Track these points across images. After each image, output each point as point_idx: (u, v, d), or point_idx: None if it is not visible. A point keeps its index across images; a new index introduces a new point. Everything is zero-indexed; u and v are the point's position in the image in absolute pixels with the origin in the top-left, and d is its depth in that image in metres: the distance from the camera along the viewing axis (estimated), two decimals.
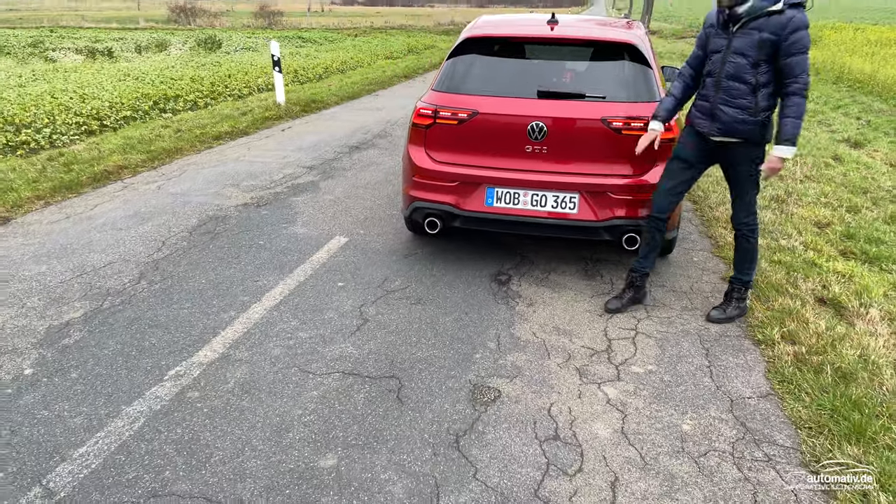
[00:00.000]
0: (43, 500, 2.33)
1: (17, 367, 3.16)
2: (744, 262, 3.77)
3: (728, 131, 3.45)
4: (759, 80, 3.32)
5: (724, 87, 3.41)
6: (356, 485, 2.44)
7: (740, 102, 3.37)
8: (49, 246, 4.74)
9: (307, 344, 3.43)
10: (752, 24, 3.27)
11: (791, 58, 3.20)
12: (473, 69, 4.28)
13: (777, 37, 3.20)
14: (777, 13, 3.20)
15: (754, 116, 3.36)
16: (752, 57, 3.30)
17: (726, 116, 3.42)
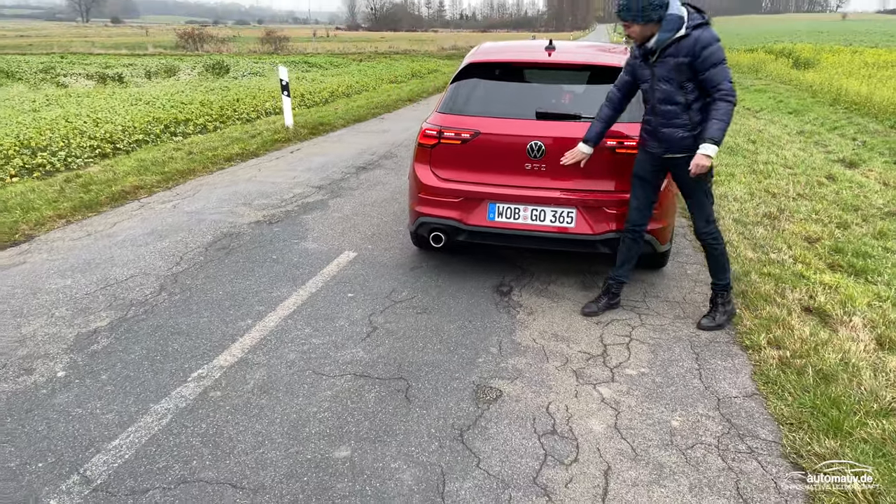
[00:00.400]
0: (81, 486, 2.54)
1: (51, 370, 3.39)
2: (717, 269, 4.03)
3: (672, 148, 3.74)
4: (688, 98, 3.61)
5: (660, 111, 3.71)
6: (368, 473, 2.65)
7: (676, 122, 3.67)
8: (72, 261, 4.98)
9: (320, 349, 3.65)
10: (666, 53, 3.58)
11: (708, 72, 3.50)
12: (476, 92, 4.55)
13: (691, 57, 3.51)
14: (684, 37, 3.51)
15: (692, 131, 3.66)
16: (675, 80, 3.60)
17: (667, 136, 3.72)
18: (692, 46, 3.49)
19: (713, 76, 3.50)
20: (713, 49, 3.48)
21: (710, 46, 3.47)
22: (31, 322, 3.94)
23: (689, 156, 3.68)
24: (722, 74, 3.51)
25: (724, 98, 3.51)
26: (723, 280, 4.04)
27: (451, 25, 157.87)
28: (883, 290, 4.59)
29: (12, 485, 2.54)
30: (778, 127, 13.88)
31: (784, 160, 9.36)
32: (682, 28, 3.51)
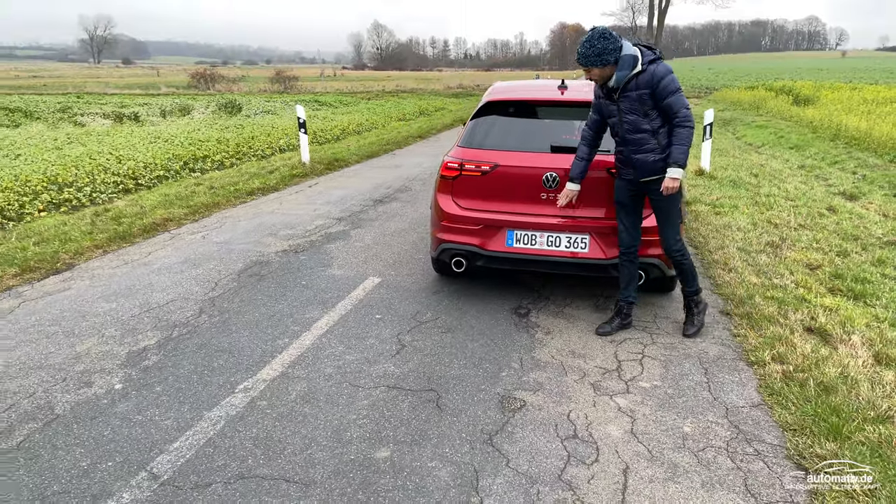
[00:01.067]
0: (149, 481, 2.81)
1: (109, 383, 3.67)
2: (687, 279, 4.43)
3: (647, 172, 4.13)
4: (654, 125, 4.03)
5: (630, 140, 4.10)
6: (408, 470, 2.91)
7: (646, 147, 4.07)
8: (114, 287, 5.30)
9: (354, 364, 3.93)
10: (627, 88, 3.99)
11: (666, 100, 3.94)
12: (494, 128, 4.90)
13: (650, 89, 3.94)
14: (641, 72, 3.93)
15: (662, 153, 4.06)
16: (639, 111, 4.01)
17: (640, 161, 4.11)
18: (650, 80, 3.94)
19: (671, 104, 3.95)
20: (668, 80, 3.93)
21: (665, 78, 3.93)
22: (84, 341, 4.23)
23: (662, 178, 4.08)
24: (679, 102, 3.96)
25: (681, 124, 3.97)
26: (692, 287, 4.46)
27: (455, 65, 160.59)
28: (881, 312, 4.85)
29: (86, 481, 2.81)
30: (779, 161, 14.23)
31: (786, 192, 9.67)
32: (638, 65, 3.94)
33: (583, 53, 3.93)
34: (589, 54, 3.89)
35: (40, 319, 4.61)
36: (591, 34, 3.93)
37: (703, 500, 2.76)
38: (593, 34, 3.92)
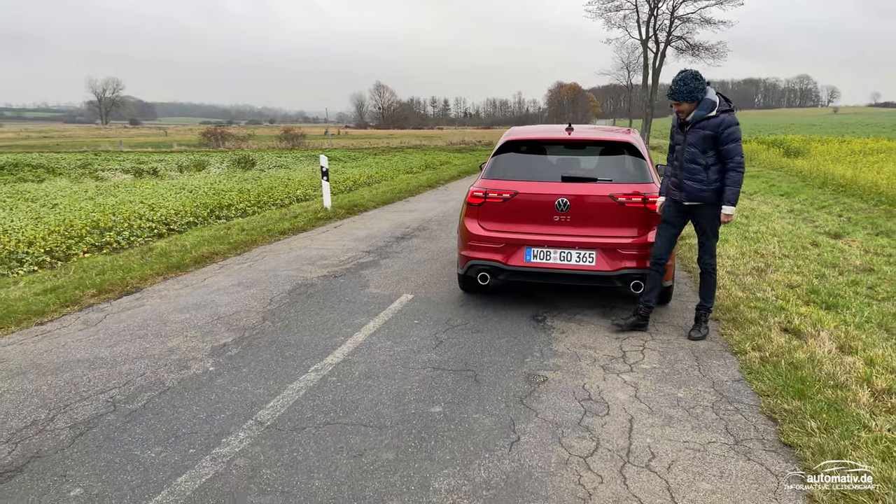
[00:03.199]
0: (257, 426, 3.56)
1: (203, 367, 4.45)
2: (707, 293, 5.18)
3: (692, 198, 4.93)
4: (708, 161, 4.83)
5: (686, 168, 4.91)
6: (458, 420, 3.67)
7: (697, 178, 4.87)
8: (182, 303, 6.10)
9: (402, 353, 4.71)
10: (697, 126, 4.83)
11: (726, 146, 4.75)
12: (512, 163, 5.80)
13: (715, 132, 4.76)
14: (713, 117, 4.76)
15: (709, 187, 4.86)
16: (700, 147, 4.83)
17: (689, 187, 4.92)
18: (718, 125, 4.75)
19: (729, 150, 4.76)
20: (732, 130, 4.75)
21: (731, 128, 4.74)
22: (172, 340, 5.02)
23: (703, 205, 4.92)
24: (736, 150, 4.78)
25: (735, 169, 4.78)
26: (709, 303, 5.19)
27: (455, 123, 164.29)
28: (849, 317, 5.64)
29: (207, 426, 3.57)
30: (770, 206, 15.16)
31: (773, 231, 10.54)
32: (714, 110, 4.77)
33: (676, 90, 4.76)
34: (682, 90, 4.74)
35: (129, 326, 5.40)
36: (684, 74, 4.76)
37: (692, 436, 3.51)
38: (686, 75, 4.76)
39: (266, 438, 3.43)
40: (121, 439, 3.44)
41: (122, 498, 2.90)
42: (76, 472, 3.12)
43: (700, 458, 3.29)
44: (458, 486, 3.00)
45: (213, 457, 3.25)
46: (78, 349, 4.82)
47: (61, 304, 6.02)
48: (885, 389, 3.98)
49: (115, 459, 3.23)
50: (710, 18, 44.88)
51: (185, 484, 3.01)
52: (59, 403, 3.88)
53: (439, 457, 3.27)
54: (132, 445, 3.37)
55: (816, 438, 3.39)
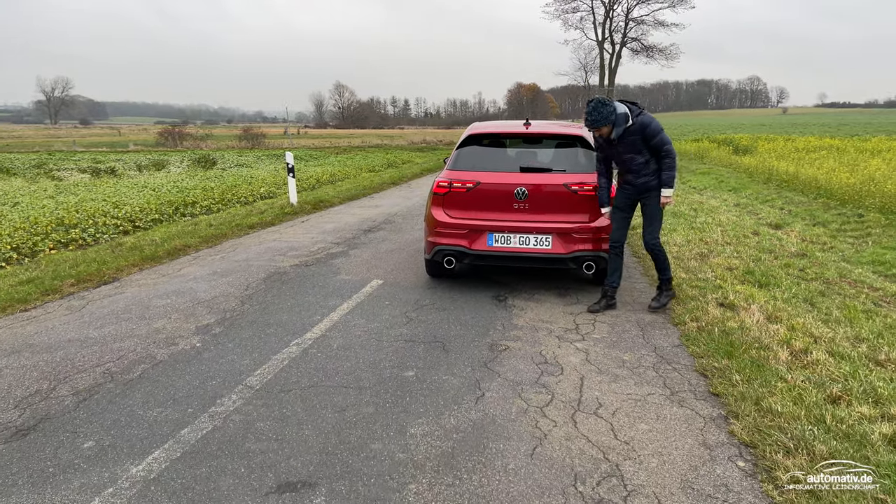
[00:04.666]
0: (247, 390, 3.94)
1: (190, 343, 4.79)
2: (661, 268, 5.73)
3: (645, 190, 5.51)
4: (646, 157, 5.46)
5: (631, 169, 5.52)
6: (429, 381, 4.10)
7: (644, 173, 5.48)
8: (162, 290, 6.39)
9: (376, 329, 5.12)
10: (623, 137, 5.41)
11: (653, 140, 5.37)
12: (475, 155, 6.26)
13: (641, 135, 5.38)
14: (632, 125, 5.37)
15: (653, 176, 5.46)
16: (634, 150, 5.44)
17: (641, 183, 5.51)
18: (640, 129, 5.36)
19: (657, 143, 5.38)
20: (653, 127, 5.36)
21: (650, 126, 5.36)
22: (157, 321, 5.33)
23: (652, 194, 5.48)
24: (662, 140, 5.39)
25: (667, 155, 5.41)
26: (666, 274, 5.76)
27: (416, 123, 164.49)
28: (778, 293, 6.25)
29: (201, 390, 3.93)
30: (718, 201, 15.95)
31: (718, 222, 11.23)
32: (630, 120, 5.35)
33: (593, 120, 5.29)
34: (598, 119, 5.28)
35: (113, 310, 5.68)
36: (594, 104, 5.28)
37: (634, 389, 4.01)
38: (596, 103, 5.28)
39: (257, 399, 3.81)
40: (123, 403, 3.77)
41: (132, 447, 3.25)
42: (86, 428, 3.46)
43: (640, 406, 3.78)
44: (431, 431, 3.43)
45: (211, 414, 3.62)
46: (67, 331, 5.10)
47: (42, 293, 6.26)
48: (802, 349, 4.55)
49: (120, 418, 3.57)
50: (663, 21, 46.31)
51: (188, 435, 3.37)
52: (59, 376, 4.18)
53: (414, 410, 3.70)
54: (134, 407, 3.71)
55: (739, 388, 3.92)
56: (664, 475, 3.03)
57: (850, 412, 3.58)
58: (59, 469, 3.06)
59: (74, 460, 3.14)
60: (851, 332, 5.11)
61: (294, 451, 3.21)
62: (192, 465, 3.08)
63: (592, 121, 5.30)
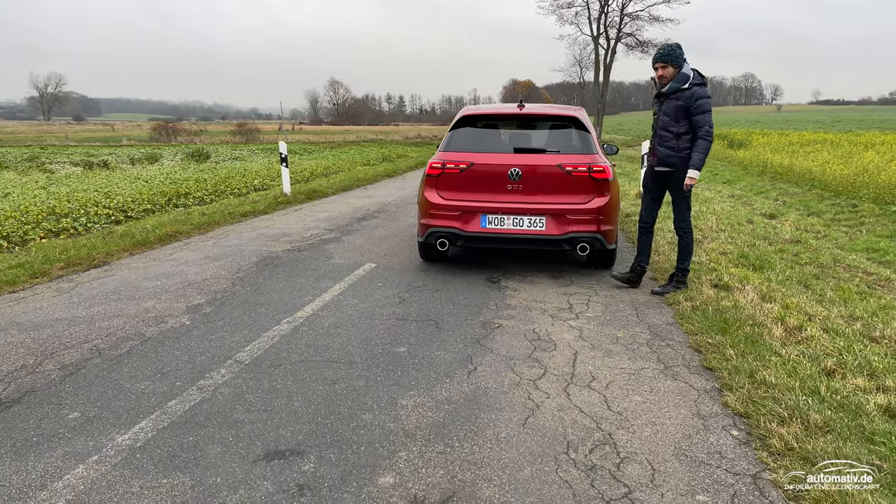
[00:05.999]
0: (237, 364, 3.89)
1: (180, 321, 4.74)
2: (683, 255, 5.67)
3: (662, 163, 5.45)
4: (679, 130, 5.31)
5: (659, 134, 5.43)
6: (421, 356, 4.06)
7: (668, 144, 5.37)
8: (152, 273, 6.33)
9: (368, 309, 5.07)
10: (672, 97, 5.31)
11: (696, 116, 5.20)
12: (468, 136, 6.21)
13: (687, 104, 5.23)
14: (686, 89, 5.24)
15: (678, 154, 5.34)
16: (672, 116, 5.31)
17: (660, 153, 5.43)
18: (690, 97, 5.21)
19: (699, 120, 5.20)
20: (703, 102, 5.19)
21: (702, 99, 5.18)
22: (146, 301, 5.27)
23: (673, 171, 5.38)
24: (705, 120, 5.19)
25: (704, 138, 5.20)
26: (684, 265, 5.69)
27: (411, 119, 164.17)
28: (772, 276, 6.23)
29: (190, 365, 3.88)
30: (712, 192, 15.94)
31: (713, 211, 11.22)
32: (687, 83, 5.23)
33: (662, 52, 5.24)
34: (666, 53, 5.22)
35: (101, 292, 5.62)
36: (669, 43, 5.27)
37: (627, 364, 3.98)
38: (671, 43, 5.27)
39: (247, 373, 3.77)
40: (110, 377, 3.72)
41: (118, 417, 3.20)
42: (71, 401, 3.40)
43: (634, 379, 3.75)
44: (422, 403, 3.39)
45: (199, 387, 3.57)
46: (55, 310, 5.04)
47: (31, 276, 6.18)
48: (796, 326, 4.52)
49: (106, 391, 3.52)
50: (659, 16, 46.26)
51: (175, 406, 3.32)
52: (45, 352, 4.12)
53: (405, 383, 3.65)
54: (122, 381, 3.66)
55: (733, 362, 3.89)
56: (657, 443, 3.00)
57: (844, 384, 3.55)
58: (43, 438, 3.00)
59: (59, 430, 3.08)
60: (846, 311, 5.09)
61: (283, 422, 3.16)
62: (179, 434, 3.03)
63: (663, 53, 5.24)
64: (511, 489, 2.61)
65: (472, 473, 2.72)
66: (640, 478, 2.71)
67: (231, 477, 2.67)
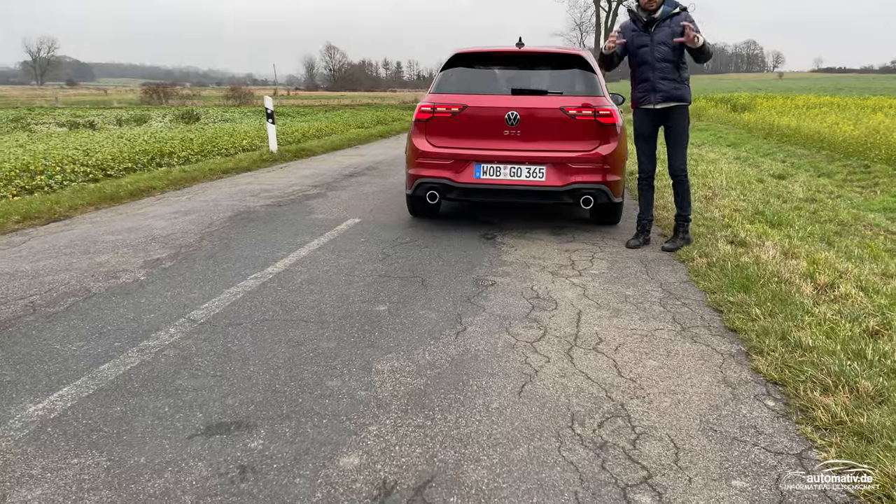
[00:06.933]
0: (189, 323, 3.37)
1: (134, 276, 4.21)
2: (682, 202, 5.16)
3: (667, 97, 4.89)
4: (677, 58, 4.83)
5: (658, 67, 4.86)
6: (403, 315, 3.54)
7: (670, 76, 4.85)
8: (115, 227, 5.78)
9: (347, 265, 4.55)
10: (664, 24, 4.78)
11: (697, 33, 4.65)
12: (462, 77, 5.62)
13: (681, 27, 4.67)
14: (678, 14, 4.75)
15: (681, 84, 4.86)
16: (669, 44, 4.74)
17: (664, 87, 4.87)
18: (687, 18, 4.76)
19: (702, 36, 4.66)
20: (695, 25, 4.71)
21: (694, 22, 4.72)
22: (101, 256, 4.74)
23: (677, 107, 4.89)
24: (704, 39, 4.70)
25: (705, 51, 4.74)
26: (686, 212, 5.20)
27: (409, 86, 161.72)
28: (792, 232, 5.71)
29: (134, 324, 3.36)
30: (717, 154, 15.34)
31: (721, 170, 10.66)
32: (678, 8, 4.77)
33: None
34: None
35: (55, 245, 5.08)
36: None
37: (639, 325, 3.47)
38: None
39: (199, 333, 3.25)
40: (39, 336, 3.20)
41: (36, 383, 2.69)
42: None
43: (647, 341, 3.24)
44: (401, 367, 2.88)
45: (141, 349, 3.05)
46: None
47: None
48: (827, 284, 4.01)
49: (31, 353, 3.00)
50: None
51: (107, 370, 2.81)
52: None
53: (383, 345, 3.14)
54: (52, 341, 3.14)
55: (761, 322, 3.38)
56: (679, 416, 2.50)
57: (893, 346, 3.05)
58: None
59: None
60: (878, 268, 4.58)
61: (233, 389, 2.66)
62: (105, 403, 2.52)
63: None
64: (503, 472, 2.12)
65: (455, 452, 2.22)
66: (662, 458, 2.22)
67: (158, 456, 2.17)
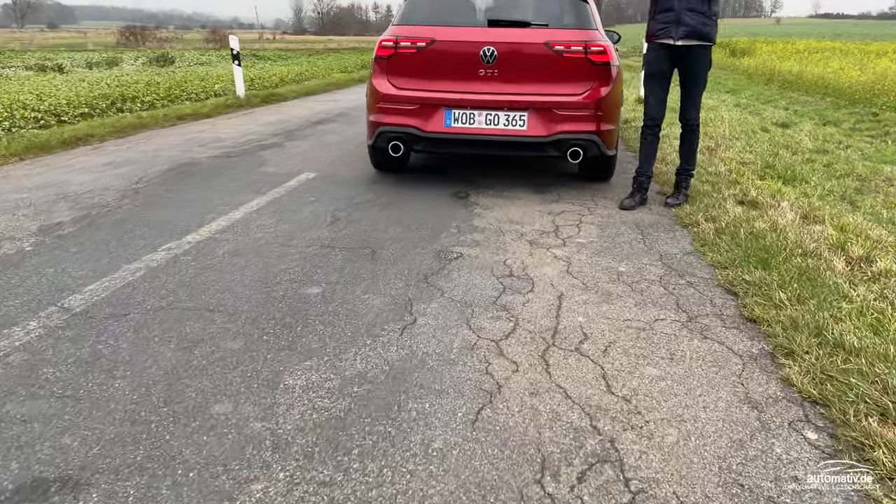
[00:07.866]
0: (60, 313, 2.63)
1: (18, 247, 3.44)
2: (688, 154, 4.48)
3: (691, 34, 4.09)
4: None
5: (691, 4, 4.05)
6: (339, 301, 2.81)
7: (699, 10, 4.06)
8: (27, 183, 4.97)
9: (285, 231, 3.79)
10: None
11: None
12: (430, 5, 4.75)
13: None
14: None
15: (710, 20, 4.08)
16: None
17: (690, 21, 4.06)
18: None
19: None
20: None
21: None
22: None
23: (700, 47, 4.14)
24: None
25: None
26: (689, 166, 4.53)
27: None
28: (809, 190, 4.98)
29: None
30: (715, 100, 14.44)
31: (722, 118, 9.84)
32: None
33: None
34: None
35: None
36: None
37: (635, 313, 2.76)
38: None
39: (66, 329, 2.51)
40: None
41: None
42: None
43: (645, 338, 2.53)
44: (319, 382, 2.16)
45: None
46: None
47: None
48: (862, 257, 3.30)
49: None
50: None
51: None
52: None
53: (304, 345, 2.42)
54: None
55: (788, 311, 2.67)
56: (690, 459, 1.81)
57: None
58: None
59: None
60: None
61: (78, 421, 1.93)
62: None
63: None
64: None
65: None
66: None
67: None
